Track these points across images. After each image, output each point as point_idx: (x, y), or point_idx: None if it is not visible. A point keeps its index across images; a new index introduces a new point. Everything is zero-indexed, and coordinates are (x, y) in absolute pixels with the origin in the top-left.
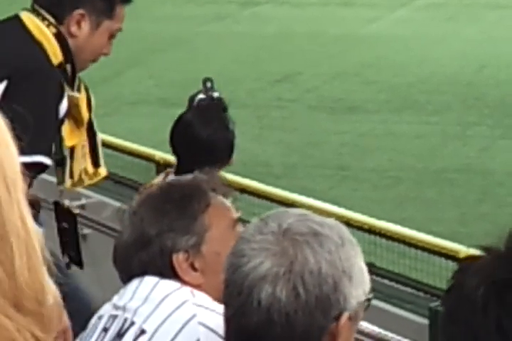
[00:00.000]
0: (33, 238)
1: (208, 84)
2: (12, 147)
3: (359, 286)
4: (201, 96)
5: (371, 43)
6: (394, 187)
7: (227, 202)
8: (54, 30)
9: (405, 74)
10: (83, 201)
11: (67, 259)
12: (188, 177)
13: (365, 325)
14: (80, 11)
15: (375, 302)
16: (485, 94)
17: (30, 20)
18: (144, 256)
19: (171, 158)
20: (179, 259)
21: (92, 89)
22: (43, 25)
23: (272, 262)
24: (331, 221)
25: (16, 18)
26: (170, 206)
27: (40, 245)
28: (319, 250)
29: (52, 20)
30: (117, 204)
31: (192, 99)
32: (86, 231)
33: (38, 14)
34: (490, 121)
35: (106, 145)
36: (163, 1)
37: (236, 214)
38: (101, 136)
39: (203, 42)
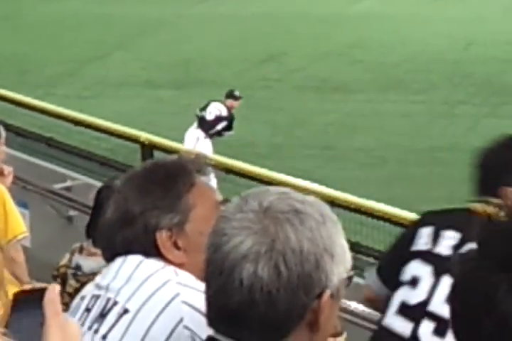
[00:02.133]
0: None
1: (238, 93)
2: None
3: (340, 264)
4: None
5: (357, 23)
6: (381, 167)
7: (212, 184)
8: None
9: (391, 53)
10: (69, 183)
11: None
12: (173, 157)
13: (354, 305)
14: None
15: (360, 280)
16: (471, 72)
17: None
18: (128, 234)
19: (156, 139)
20: (163, 237)
21: (79, 72)
22: None
23: (253, 241)
24: (312, 198)
25: None
26: (154, 185)
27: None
28: (300, 228)
29: None
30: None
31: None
32: (72, 213)
33: None
34: (476, 99)
35: (92, 127)
36: None
37: (220, 197)
38: None
39: (188, 24)
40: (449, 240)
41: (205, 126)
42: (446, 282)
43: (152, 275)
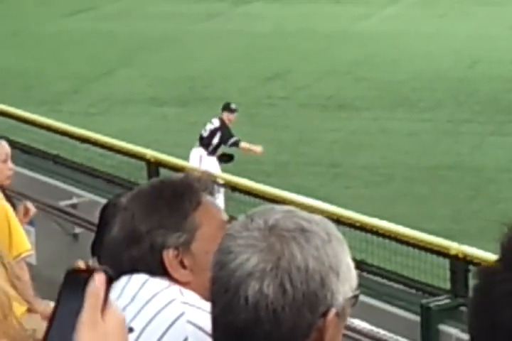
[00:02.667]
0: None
1: (234, 106)
2: None
3: (346, 282)
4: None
5: (362, 40)
6: (386, 184)
7: (218, 203)
8: None
9: (396, 71)
10: (74, 200)
11: None
12: (180, 175)
13: (357, 323)
14: None
15: (366, 299)
16: (477, 90)
17: None
18: (134, 252)
19: (162, 157)
20: (169, 256)
21: (84, 88)
22: None
23: (259, 258)
24: (318, 217)
25: None
26: (161, 203)
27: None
28: (306, 246)
29: None
30: None
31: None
32: (78, 230)
33: None
34: (482, 117)
35: (98, 144)
36: None
37: (226, 216)
38: None
39: (195, 40)
40: None
41: (204, 143)
42: None
43: (157, 295)
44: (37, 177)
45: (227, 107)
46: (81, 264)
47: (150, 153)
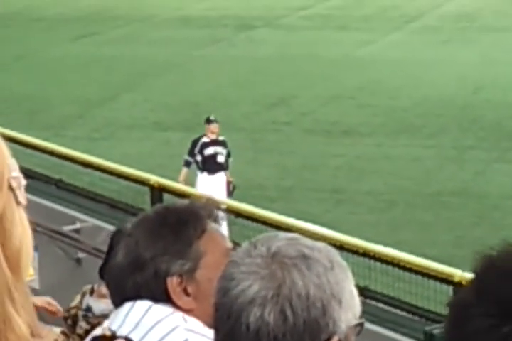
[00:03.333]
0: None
1: (212, 117)
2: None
3: (349, 310)
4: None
5: (366, 66)
6: (389, 211)
7: (222, 231)
8: None
9: (400, 97)
10: (78, 225)
11: None
12: (185, 202)
13: None
14: None
15: (370, 325)
16: (481, 116)
17: None
18: (138, 279)
19: (166, 182)
20: (173, 283)
21: (88, 113)
22: None
23: (260, 285)
24: (321, 244)
25: None
26: (166, 230)
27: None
28: (307, 273)
29: None
30: (112, 228)
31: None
32: (81, 255)
33: None
34: (486, 144)
35: (101, 168)
36: (157, 24)
37: (230, 244)
38: None
39: (199, 65)
40: None
41: (190, 163)
42: None
43: (161, 321)
44: (40, 201)
45: (206, 120)
46: (88, 287)
47: (153, 178)
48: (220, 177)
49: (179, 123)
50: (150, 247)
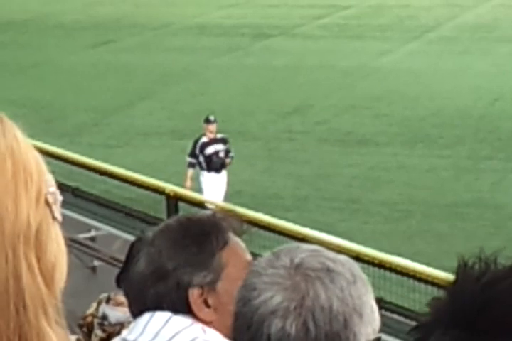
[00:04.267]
0: (26, 295)
1: (212, 118)
2: (22, 204)
3: (369, 325)
4: None
5: (382, 76)
6: (404, 221)
7: (243, 244)
8: None
9: (417, 107)
10: (93, 233)
11: None
12: (207, 213)
13: None
14: None
15: (384, 336)
16: (497, 127)
17: None
18: (160, 289)
19: (182, 191)
20: (194, 295)
21: (104, 120)
22: None
23: (283, 296)
24: (344, 257)
25: None
26: (188, 241)
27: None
28: (331, 286)
29: None
30: (127, 236)
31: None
32: (96, 263)
33: None
34: (502, 154)
35: (116, 177)
36: (174, 32)
37: (250, 257)
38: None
39: (215, 74)
40: None
41: (193, 164)
42: None
43: (180, 333)
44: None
45: (204, 120)
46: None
47: (169, 187)
48: (224, 176)
49: (195, 131)
50: (173, 258)
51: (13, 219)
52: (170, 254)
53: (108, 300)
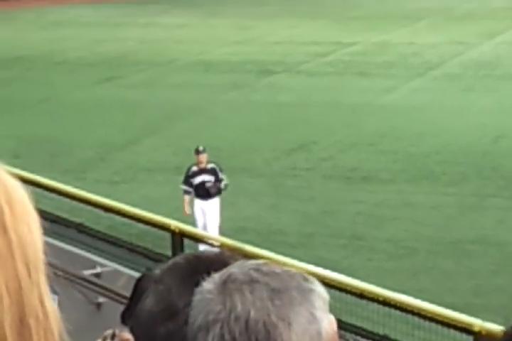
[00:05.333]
0: (51, 320)
1: (200, 148)
2: (35, 228)
3: (305, 334)
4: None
5: (387, 113)
6: (409, 258)
7: None
8: None
9: (421, 144)
10: (98, 269)
11: None
12: (215, 251)
13: None
14: None
15: None
16: (501, 164)
17: None
18: (170, 327)
19: (187, 227)
20: None
21: (110, 157)
22: None
23: (207, 312)
24: (289, 271)
25: None
26: (198, 278)
27: (57, 327)
28: (249, 297)
29: None
30: (132, 273)
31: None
32: (101, 299)
33: None
34: (506, 192)
35: (121, 213)
36: (179, 69)
37: None
38: None
39: (221, 110)
40: None
41: (188, 191)
42: None
43: None
44: (61, 245)
45: (195, 151)
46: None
47: (174, 223)
48: (213, 203)
49: None
50: (182, 296)
51: (33, 246)
52: (179, 292)
53: (113, 336)
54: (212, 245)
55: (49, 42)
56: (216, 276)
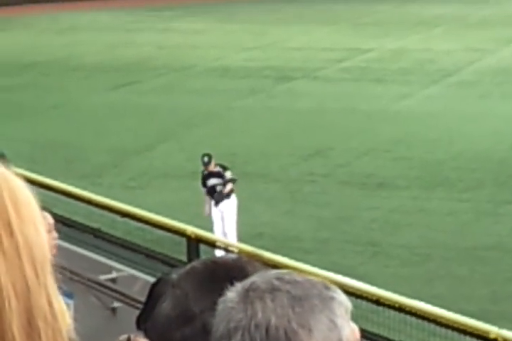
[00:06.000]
0: (60, 322)
1: (205, 159)
2: (41, 229)
3: (326, 340)
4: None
5: (403, 119)
6: (424, 264)
7: None
8: None
9: (436, 150)
10: (114, 274)
11: None
12: (232, 256)
13: None
14: None
15: None
16: None
17: None
18: (186, 332)
19: (203, 233)
20: None
21: (125, 162)
22: None
23: (228, 320)
24: (310, 281)
25: None
26: (215, 284)
27: (67, 327)
28: (270, 305)
29: None
30: (148, 278)
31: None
32: (116, 304)
33: None
34: None
35: (137, 218)
36: (197, 74)
37: None
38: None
39: (237, 116)
40: None
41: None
42: None
43: None
44: (77, 250)
45: (203, 163)
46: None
47: (190, 228)
48: (227, 205)
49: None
50: (199, 301)
51: (40, 247)
52: (196, 297)
53: None
54: (229, 251)
55: (65, 48)
56: (239, 285)
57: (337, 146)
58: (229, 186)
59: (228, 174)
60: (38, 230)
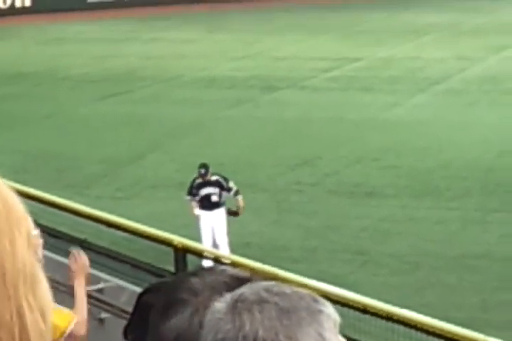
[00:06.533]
0: (31, 334)
1: (202, 171)
2: (20, 242)
3: None
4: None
5: (391, 128)
6: (413, 273)
7: None
8: None
9: (425, 159)
10: (101, 285)
11: None
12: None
13: None
14: None
15: None
16: (505, 180)
17: None
18: None
19: (190, 243)
20: None
21: (114, 172)
22: None
23: (216, 331)
24: (299, 292)
25: None
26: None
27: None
28: (258, 316)
29: None
30: (135, 288)
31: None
32: (104, 315)
33: None
34: (510, 207)
35: (124, 228)
36: (183, 85)
37: None
38: None
39: (224, 126)
40: None
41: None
42: None
43: None
44: (63, 261)
45: (199, 174)
46: None
47: (177, 239)
48: (219, 213)
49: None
50: None
51: (12, 260)
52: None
53: None
54: (218, 261)
55: (53, 58)
56: (228, 296)
57: (325, 155)
58: (240, 197)
59: (232, 184)
60: (15, 242)
